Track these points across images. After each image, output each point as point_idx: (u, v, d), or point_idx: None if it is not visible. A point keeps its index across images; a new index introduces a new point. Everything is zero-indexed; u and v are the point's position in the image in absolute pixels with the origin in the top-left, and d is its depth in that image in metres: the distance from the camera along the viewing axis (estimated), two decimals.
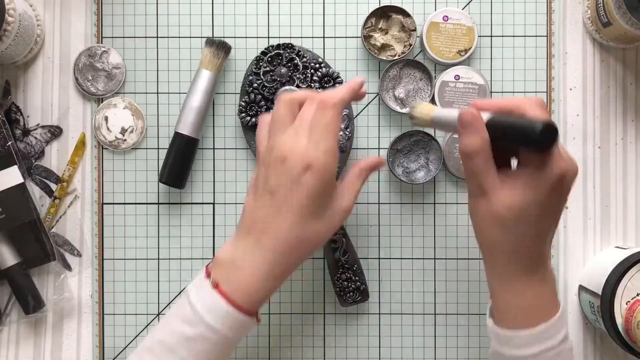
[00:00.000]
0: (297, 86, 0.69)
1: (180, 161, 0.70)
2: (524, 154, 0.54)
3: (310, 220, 0.56)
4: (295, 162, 0.55)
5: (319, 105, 0.57)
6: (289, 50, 0.69)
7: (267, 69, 0.69)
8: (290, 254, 0.56)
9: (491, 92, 0.71)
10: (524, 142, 0.52)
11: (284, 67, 0.69)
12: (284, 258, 0.56)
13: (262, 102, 0.69)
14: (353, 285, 0.70)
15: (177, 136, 0.70)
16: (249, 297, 0.56)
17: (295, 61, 0.69)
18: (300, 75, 0.69)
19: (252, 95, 0.69)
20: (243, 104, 0.69)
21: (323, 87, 0.69)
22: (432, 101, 0.70)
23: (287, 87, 0.69)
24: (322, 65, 0.70)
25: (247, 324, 0.56)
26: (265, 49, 0.69)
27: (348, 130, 0.70)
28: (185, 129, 0.69)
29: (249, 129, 0.70)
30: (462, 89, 0.70)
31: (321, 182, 0.55)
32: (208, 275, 0.56)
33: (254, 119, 0.69)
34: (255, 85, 0.69)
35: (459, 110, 0.55)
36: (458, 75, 0.70)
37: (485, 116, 0.54)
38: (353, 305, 0.71)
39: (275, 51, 0.69)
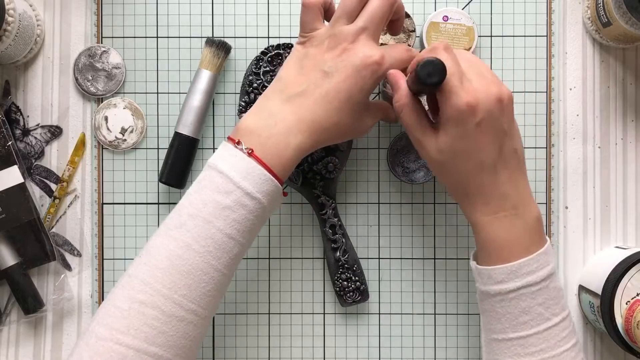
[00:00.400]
0: None
1: (180, 161, 0.70)
2: (439, 98, 0.56)
3: (347, 112, 0.58)
4: (358, 55, 0.58)
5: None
6: (288, 50, 0.69)
7: (267, 69, 0.69)
8: (320, 137, 0.58)
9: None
10: (418, 84, 0.55)
11: None
12: (314, 124, 0.57)
13: None
14: (353, 285, 0.70)
15: (177, 136, 0.70)
16: (280, 163, 0.56)
17: None
18: None
19: (252, 95, 0.69)
20: (243, 104, 0.69)
21: None
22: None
23: None
24: None
25: (279, 193, 0.57)
26: (265, 49, 0.69)
27: None
28: (185, 129, 0.69)
29: None
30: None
31: (374, 82, 0.59)
32: (237, 143, 0.56)
33: None
34: (255, 85, 0.69)
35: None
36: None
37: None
38: (353, 305, 0.71)
39: (275, 51, 0.69)
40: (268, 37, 0.72)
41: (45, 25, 0.72)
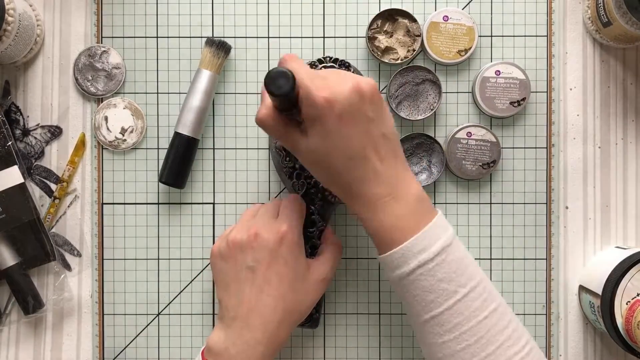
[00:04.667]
0: None
1: (180, 161, 0.70)
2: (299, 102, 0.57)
3: (291, 292, 0.60)
4: (269, 235, 0.60)
5: (288, 197, 0.65)
6: (344, 68, 0.68)
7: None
8: (279, 328, 0.60)
9: (532, 90, 0.71)
10: (273, 99, 0.56)
11: None
12: (274, 333, 0.59)
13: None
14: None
15: (177, 136, 0.70)
16: None
17: None
18: None
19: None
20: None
21: None
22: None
23: None
24: None
25: None
26: (322, 57, 0.69)
27: None
28: (185, 129, 0.69)
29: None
30: (503, 85, 0.70)
31: (295, 252, 0.61)
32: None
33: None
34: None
35: None
36: (499, 71, 0.70)
37: None
38: (299, 329, 0.70)
39: (330, 64, 0.69)
40: (268, 37, 0.72)
41: (45, 25, 0.72)
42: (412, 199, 0.58)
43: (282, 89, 0.54)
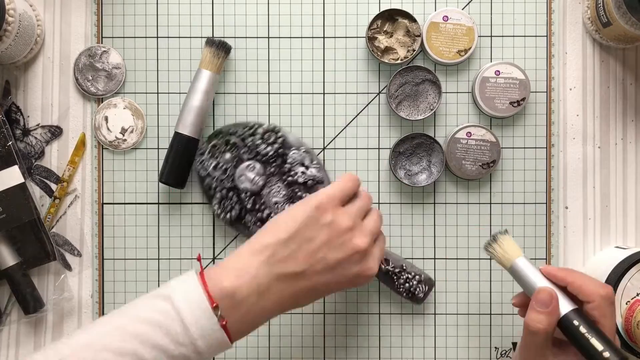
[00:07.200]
0: (249, 159, 0.69)
1: (180, 161, 0.70)
2: None
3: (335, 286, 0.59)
4: (354, 266, 0.58)
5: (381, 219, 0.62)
6: (220, 137, 0.69)
7: (213, 162, 0.69)
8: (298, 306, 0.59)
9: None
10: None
11: (227, 153, 0.69)
12: (297, 305, 0.58)
13: (231, 193, 0.69)
14: (415, 281, 0.69)
15: (177, 136, 0.70)
16: (243, 332, 0.56)
17: (233, 141, 0.69)
18: (246, 150, 0.69)
19: (219, 194, 0.69)
20: (217, 205, 0.69)
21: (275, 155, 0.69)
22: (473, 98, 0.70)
23: (247, 163, 0.69)
24: (274, 141, 0.69)
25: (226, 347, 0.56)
26: (199, 148, 0.70)
27: (314, 162, 0.70)
28: (185, 129, 0.69)
29: (234, 222, 0.70)
30: (503, 85, 0.70)
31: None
32: (214, 307, 0.54)
33: (233, 212, 0.69)
34: (215, 185, 0.69)
35: (539, 284, 0.58)
36: (499, 71, 0.70)
37: (566, 306, 0.56)
38: (429, 299, 0.71)
39: (211, 144, 0.69)
40: (268, 37, 0.72)
41: (45, 25, 0.72)
42: None
43: None
